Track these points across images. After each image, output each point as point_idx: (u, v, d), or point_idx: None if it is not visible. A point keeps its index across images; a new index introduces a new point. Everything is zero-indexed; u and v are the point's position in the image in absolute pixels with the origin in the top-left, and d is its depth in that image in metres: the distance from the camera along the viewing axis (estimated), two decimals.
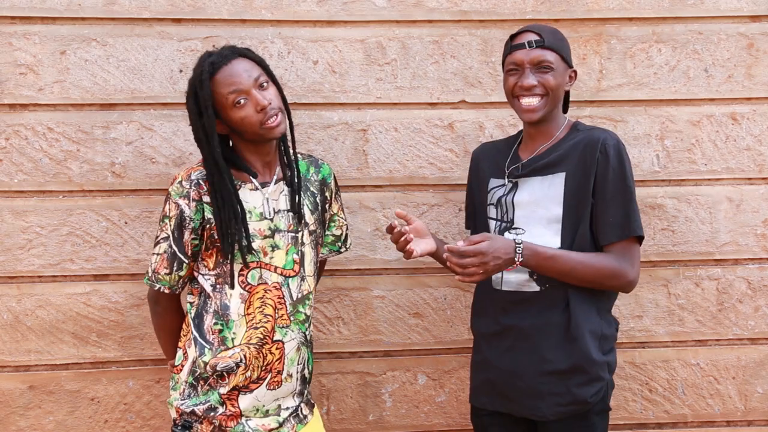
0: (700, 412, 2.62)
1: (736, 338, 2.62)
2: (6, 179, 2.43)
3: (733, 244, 2.60)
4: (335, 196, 2.24)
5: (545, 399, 2.05)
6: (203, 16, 2.48)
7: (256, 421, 2.03)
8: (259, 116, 1.96)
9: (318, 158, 2.24)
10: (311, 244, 2.11)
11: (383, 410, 2.56)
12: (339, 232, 2.27)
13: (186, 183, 2.01)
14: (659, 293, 2.60)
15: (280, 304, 2.04)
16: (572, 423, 2.05)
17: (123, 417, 2.48)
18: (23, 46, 2.43)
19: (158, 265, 2.04)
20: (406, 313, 2.57)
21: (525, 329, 2.07)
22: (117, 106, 2.45)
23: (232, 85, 1.96)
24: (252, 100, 1.96)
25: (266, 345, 2.03)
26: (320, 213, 2.16)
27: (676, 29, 2.59)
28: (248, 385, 2.02)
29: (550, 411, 2.04)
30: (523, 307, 2.08)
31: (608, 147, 2.03)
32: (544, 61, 2.06)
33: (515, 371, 2.08)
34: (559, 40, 2.11)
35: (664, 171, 2.59)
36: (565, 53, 2.11)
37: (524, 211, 2.10)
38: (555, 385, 2.04)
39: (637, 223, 2.04)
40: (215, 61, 1.98)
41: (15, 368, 2.45)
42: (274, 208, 2.05)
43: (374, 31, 2.54)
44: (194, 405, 2.01)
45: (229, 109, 1.97)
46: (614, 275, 2.02)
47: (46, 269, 2.44)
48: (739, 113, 2.60)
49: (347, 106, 2.53)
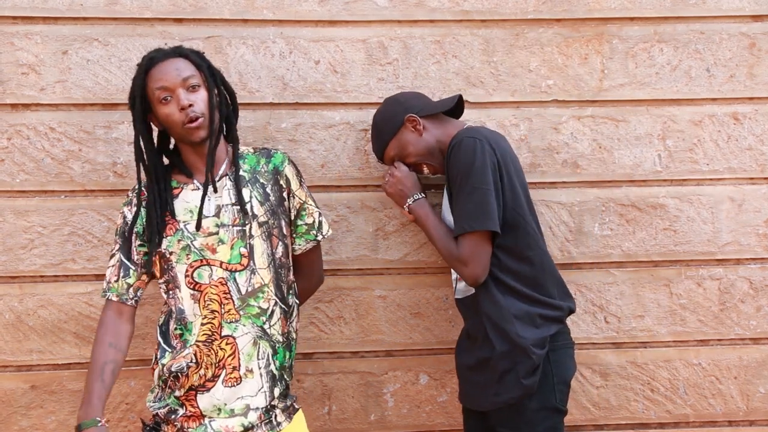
0: (702, 412, 2.62)
1: (738, 338, 2.61)
2: (8, 179, 2.43)
3: (735, 244, 2.60)
4: (300, 185, 2.21)
5: (482, 390, 2.18)
6: (205, 16, 2.48)
7: (219, 422, 2.02)
8: (180, 116, 2.02)
9: (273, 148, 2.22)
10: (262, 236, 2.09)
11: (385, 410, 2.56)
12: (311, 220, 2.22)
13: (131, 193, 2.14)
14: (661, 293, 2.60)
15: (226, 299, 2.04)
16: (508, 413, 2.15)
17: (125, 417, 2.48)
18: (25, 46, 2.43)
19: (110, 275, 2.11)
20: (407, 313, 2.57)
21: (468, 329, 2.28)
22: (119, 106, 2.45)
23: (159, 81, 2.02)
24: (175, 100, 2.02)
25: (215, 341, 2.03)
26: (273, 204, 2.12)
27: (678, 29, 2.59)
28: (204, 383, 2.03)
29: (486, 401, 2.18)
30: (466, 310, 2.29)
31: (452, 147, 2.18)
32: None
33: (465, 367, 2.27)
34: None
35: (665, 171, 2.59)
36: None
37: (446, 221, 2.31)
38: (486, 376, 2.16)
39: (470, 221, 2.12)
40: (154, 56, 2.06)
41: (17, 368, 2.46)
42: (217, 204, 2.07)
43: (376, 31, 2.54)
44: (158, 408, 2.06)
45: (156, 104, 2.04)
46: (451, 263, 2.21)
47: (47, 269, 2.45)
48: (741, 113, 2.60)
49: (349, 105, 2.53)
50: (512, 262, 2.17)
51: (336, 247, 2.53)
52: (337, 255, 2.53)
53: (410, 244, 2.55)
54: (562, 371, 2.17)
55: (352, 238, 2.54)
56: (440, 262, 2.54)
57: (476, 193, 2.10)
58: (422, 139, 2.30)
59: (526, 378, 2.10)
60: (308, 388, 2.53)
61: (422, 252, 2.55)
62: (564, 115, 2.57)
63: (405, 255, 2.55)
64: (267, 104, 2.50)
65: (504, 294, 2.15)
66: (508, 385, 2.12)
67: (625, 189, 2.59)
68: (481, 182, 2.10)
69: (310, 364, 2.54)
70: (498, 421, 2.17)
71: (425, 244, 2.54)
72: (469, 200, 2.12)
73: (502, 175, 2.15)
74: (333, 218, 2.52)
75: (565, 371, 2.18)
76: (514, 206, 2.16)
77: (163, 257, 2.07)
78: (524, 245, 2.18)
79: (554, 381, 2.15)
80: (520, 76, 2.56)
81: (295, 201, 2.19)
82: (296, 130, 2.51)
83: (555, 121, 2.55)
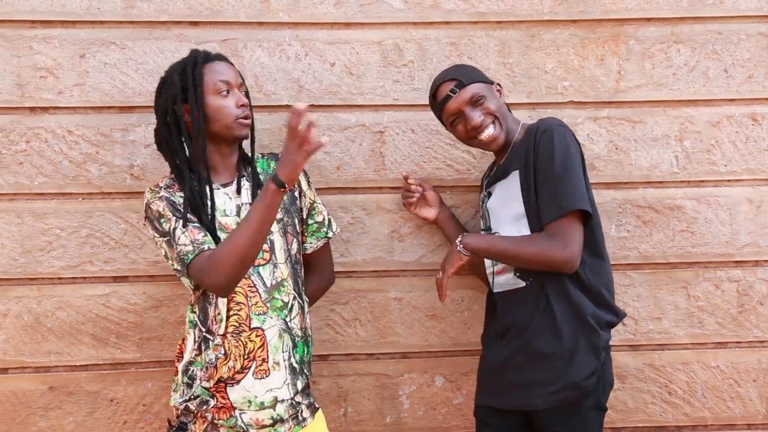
0: (720, 415, 2.60)
1: (756, 340, 2.59)
2: (26, 182, 2.45)
3: (754, 246, 2.58)
4: (309, 185, 2.28)
5: (535, 388, 2.11)
6: (221, 18, 2.49)
7: (250, 415, 2.04)
8: (237, 111, 2.09)
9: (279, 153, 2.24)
10: (280, 232, 2.14)
11: (400, 412, 2.56)
12: (320, 218, 2.29)
13: (156, 188, 2.10)
14: (679, 295, 2.58)
15: (252, 292, 2.06)
16: (563, 412, 2.10)
17: (142, 418, 2.49)
18: (43, 50, 2.45)
19: (193, 235, 2.01)
20: (423, 315, 2.56)
21: (518, 324, 2.17)
22: (136, 108, 2.47)
23: (221, 74, 2.10)
24: (235, 96, 2.10)
25: (244, 333, 2.04)
26: (286, 202, 2.18)
27: (695, 29, 2.58)
28: (233, 375, 2.04)
29: (541, 400, 2.11)
30: (515, 304, 2.19)
31: (539, 133, 2.12)
32: (473, 95, 2.17)
33: (508, 364, 2.18)
34: (468, 71, 2.23)
35: (683, 172, 2.57)
36: (480, 78, 2.23)
37: (495, 215, 2.25)
38: (545, 373, 2.10)
39: (568, 201, 2.06)
40: (209, 53, 2.14)
41: (35, 369, 2.47)
42: (237, 204, 2.12)
43: (391, 33, 2.54)
44: (187, 401, 2.06)
45: (210, 94, 2.08)
46: (544, 255, 2.07)
47: (65, 271, 2.46)
48: (760, 114, 2.58)
49: (364, 107, 2.53)
50: (588, 255, 2.14)
51: (351, 249, 2.53)
52: (353, 257, 2.53)
53: (426, 246, 2.55)
54: (608, 373, 2.19)
55: (367, 240, 2.54)
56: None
57: (572, 175, 2.07)
58: (504, 105, 2.26)
59: (588, 378, 2.09)
60: (324, 390, 2.53)
61: (438, 254, 2.55)
62: (580, 117, 2.56)
63: (420, 257, 2.55)
64: (283, 106, 2.50)
65: (576, 289, 2.12)
66: (569, 383, 2.09)
67: (642, 190, 2.57)
68: (575, 165, 2.09)
69: (326, 366, 2.54)
70: (550, 421, 2.12)
71: (440, 245, 2.54)
72: (565, 182, 2.07)
73: (584, 165, 2.16)
74: (348, 220, 2.52)
75: (610, 373, 2.20)
76: (590, 197, 2.14)
77: None
78: (600, 239, 2.19)
79: (603, 382, 2.16)
80: (536, 78, 2.56)
81: (306, 200, 2.26)
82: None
83: (571, 122, 2.54)
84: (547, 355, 2.10)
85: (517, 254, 2.11)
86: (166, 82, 2.11)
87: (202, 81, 2.07)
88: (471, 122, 2.17)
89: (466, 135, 2.21)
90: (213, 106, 2.07)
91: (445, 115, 2.23)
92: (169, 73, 2.12)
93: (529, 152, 2.13)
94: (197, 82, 2.06)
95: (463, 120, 2.19)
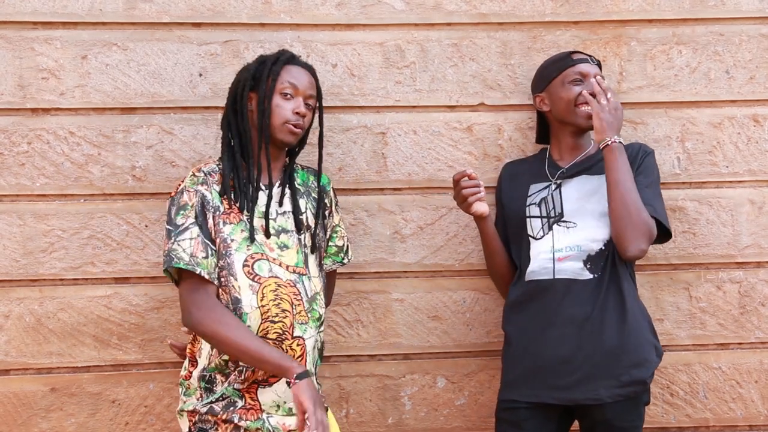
0: (722, 417, 2.60)
1: (758, 342, 2.59)
2: (28, 183, 2.45)
3: (756, 247, 2.58)
4: (335, 208, 2.30)
5: (601, 381, 2.15)
6: (223, 20, 2.49)
7: (277, 419, 2.03)
8: (291, 116, 2.10)
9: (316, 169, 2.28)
10: (313, 247, 2.17)
11: (402, 413, 2.56)
12: (341, 243, 2.31)
13: (199, 174, 2.09)
14: (680, 296, 2.58)
15: (297, 301, 2.06)
16: (626, 406, 2.17)
17: (144, 419, 2.49)
18: (45, 51, 2.45)
19: (195, 249, 2.00)
20: (425, 316, 2.56)
21: (581, 316, 2.18)
22: (137, 110, 2.47)
23: (294, 78, 2.12)
24: (296, 102, 2.11)
25: (286, 341, 2.04)
26: (321, 219, 2.20)
27: (697, 31, 2.58)
28: (267, 378, 2.04)
29: (607, 393, 2.14)
30: (578, 295, 2.20)
31: (647, 150, 2.31)
32: (597, 75, 2.31)
33: (568, 358, 2.18)
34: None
35: (684, 173, 2.58)
36: None
37: (573, 205, 2.27)
38: (614, 368, 2.15)
39: (659, 211, 2.22)
40: (295, 56, 2.18)
41: (37, 370, 2.47)
42: (277, 210, 2.12)
43: (393, 35, 2.54)
44: (212, 402, 2.02)
45: (276, 92, 2.11)
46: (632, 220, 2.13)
47: (67, 272, 2.46)
48: (761, 115, 2.58)
49: (366, 109, 2.53)
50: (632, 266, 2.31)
51: (353, 251, 2.53)
52: (355, 258, 2.52)
53: (428, 247, 2.55)
54: None
55: (369, 242, 2.54)
56: (457, 265, 2.54)
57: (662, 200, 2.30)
58: None
59: (651, 376, 2.22)
60: (326, 391, 2.53)
61: (440, 255, 2.55)
62: None
63: (422, 258, 2.55)
64: None
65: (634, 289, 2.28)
66: (636, 378, 2.17)
67: None
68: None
69: (328, 368, 2.54)
70: (615, 415, 2.17)
71: (443, 246, 2.54)
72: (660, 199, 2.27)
73: None
74: (350, 221, 2.52)
75: None
76: None
77: (224, 242, 2.05)
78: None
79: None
80: None
81: (333, 221, 2.28)
82: (313, 133, 2.51)
83: None
84: (618, 350, 2.16)
85: (623, 194, 2.14)
86: (244, 68, 2.17)
87: (275, 77, 2.10)
88: (593, 88, 2.27)
89: (577, 99, 2.28)
90: (272, 103, 2.10)
91: (572, 71, 2.30)
92: (253, 61, 2.18)
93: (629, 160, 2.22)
94: (271, 76, 2.10)
95: (583, 85, 2.29)
